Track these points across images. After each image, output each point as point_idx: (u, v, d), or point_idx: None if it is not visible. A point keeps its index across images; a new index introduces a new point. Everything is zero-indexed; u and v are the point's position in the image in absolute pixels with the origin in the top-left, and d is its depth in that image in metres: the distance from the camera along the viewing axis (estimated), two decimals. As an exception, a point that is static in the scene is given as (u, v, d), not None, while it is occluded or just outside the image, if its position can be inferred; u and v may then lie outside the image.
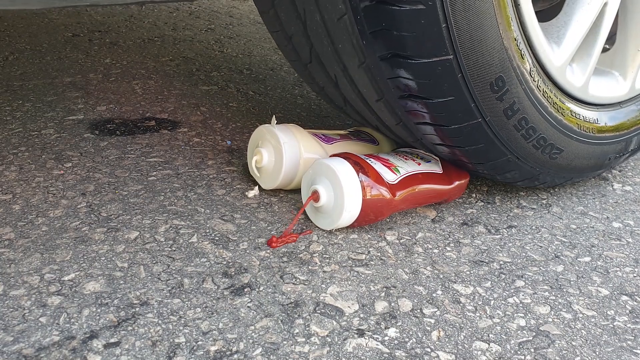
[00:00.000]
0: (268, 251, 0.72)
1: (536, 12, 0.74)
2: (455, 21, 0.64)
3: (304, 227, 0.77)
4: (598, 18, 0.81)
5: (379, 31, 0.64)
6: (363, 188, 0.73)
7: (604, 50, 0.90)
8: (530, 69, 0.75)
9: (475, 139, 0.75)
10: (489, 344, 0.59)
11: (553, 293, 0.68)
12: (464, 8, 0.64)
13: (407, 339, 0.59)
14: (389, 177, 0.76)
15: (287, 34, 0.78)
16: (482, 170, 0.82)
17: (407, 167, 0.80)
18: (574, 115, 0.83)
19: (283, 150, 0.81)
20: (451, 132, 0.74)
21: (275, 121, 0.84)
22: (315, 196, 0.74)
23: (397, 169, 0.79)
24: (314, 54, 0.77)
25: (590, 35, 0.82)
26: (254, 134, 0.86)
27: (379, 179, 0.75)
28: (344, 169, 0.73)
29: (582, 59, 0.84)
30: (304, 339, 0.58)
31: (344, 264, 0.70)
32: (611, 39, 0.88)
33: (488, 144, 0.76)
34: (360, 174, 0.73)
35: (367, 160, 0.77)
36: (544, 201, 0.91)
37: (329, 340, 0.58)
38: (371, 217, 0.75)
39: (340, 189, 0.72)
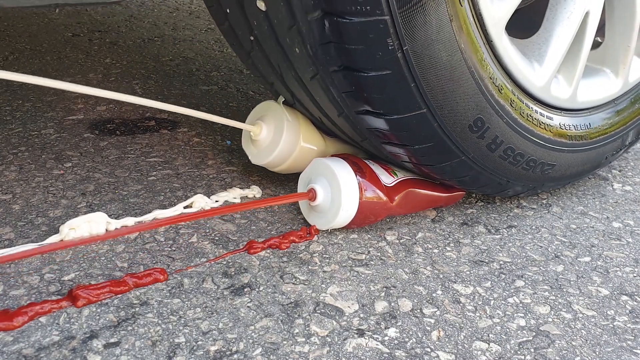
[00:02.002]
0: (268, 251, 0.72)
1: (513, 21, 0.73)
2: (424, 78, 0.64)
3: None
4: (581, 28, 0.77)
5: (351, 92, 0.65)
6: (360, 189, 0.73)
7: (595, 43, 0.87)
8: (512, 99, 0.74)
9: (462, 173, 0.76)
10: (489, 344, 0.59)
11: (553, 293, 0.68)
12: (430, 65, 0.63)
13: (407, 339, 0.59)
14: (386, 179, 0.77)
15: (268, 81, 0.79)
16: (477, 192, 0.82)
17: (405, 171, 0.81)
18: (563, 127, 0.81)
19: (284, 127, 0.79)
20: (437, 170, 0.75)
21: (283, 99, 0.82)
22: (311, 195, 0.74)
23: (395, 172, 0.79)
24: (296, 99, 0.78)
25: (574, 46, 0.79)
26: (257, 107, 0.85)
27: (376, 181, 0.75)
28: (343, 168, 0.73)
29: (567, 69, 0.81)
30: (304, 339, 0.58)
31: (344, 264, 0.70)
32: (601, 30, 0.86)
33: (476, 175, 0.77)
34: (357, 174, 0.73)
35: (366, 162, 0.77)
36: (544, 201, 0.91)
37: (329, 340, 0.58)
38: (371, 219, 0.75)
39: (338, 188, 0.72)
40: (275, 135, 0.81)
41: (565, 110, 0.83)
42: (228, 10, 0.72)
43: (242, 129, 0.87)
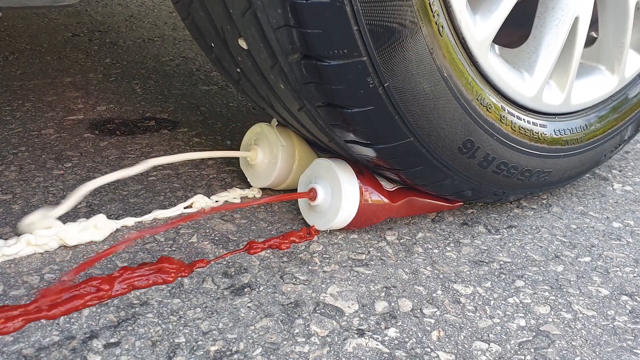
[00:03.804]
0: (268, 251, 0.72)
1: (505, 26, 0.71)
2: (408, 110, 0.64)
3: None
4: (571, 33, 0.76)
5: (337, 124, 0.66)
6: (361, 191, 0.73)
7: (590, 39, 0.85)
8: (501, 115, 0.73)
9: (456, 188, 0.76)
10: (489, 344, 0.59)
11: (553, 293, 0.68)
12: (413, 97, 0.64)
13: (407, 339, 0.59)
14: (387, 185, 0.77)
15: (259, 106, 0.81)
16: (477, 202, 0.82)
17: None
18: (558, 134, 0.81)
19: (279, 152, 0.80)
20: (431, 188, 0.76)
21: (276, 122, 0.84)
22: (312, 194, 0.74)
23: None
24: (288, 123, 0.79)
25: (565, 51, 0.77)
26: (251, 129, 0.86)
27: (377, 185, 0.75)
28: (344, 169, 0.73)
29: (559, 75, 0.80)
30: (304, 339, 0.58)
31: (344, 264, 0.70)
32: (594, 24, 0.83)
33: (470, 189, 0.77)
34: (359, 177, 0.73)
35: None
36: (544, 201, 0.91)
37: (329, 340, 0.58)
38: (372, 221, 0.75)
39: (339, 188, 0.72)
40: (271, 159, 0.82)
41: (559, 115, 0.82)
42: (213, 45, 0.72)
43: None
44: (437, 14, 0.63)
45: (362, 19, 0.57)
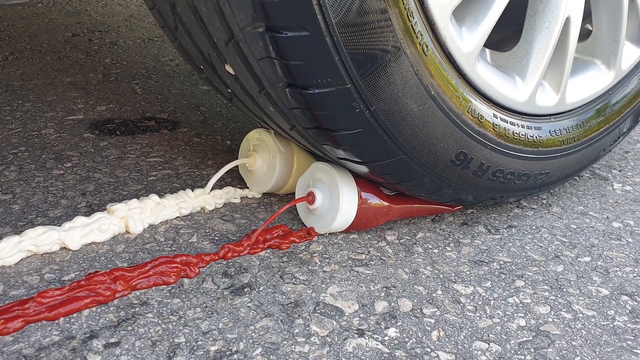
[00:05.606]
0: (268, 251, 0.72)
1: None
2: (397, 130, 0.65)
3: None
4: (563, 33, 0.75)
5: (327, 144, 0.66)
6: (359, 194, 0.73)
7: (585, 32, 0.83)
8: (494, 124, 0.73)
9: (454, 196, 0.77)
10: (489, 344, 0.59)
11: (553, 293, 0.68)
12: (401, 118, 0.64)
13: (407, 339, 0.59)
14: (387, 189, 0.77)
15: (255, 120, 0.81)
16: (477, 206, 0.83)
17: None
18: (554, 134, 0.80)
19: (278, 159, 0.80)
20: (428, 197, 0.76)
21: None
22: (310, 198, 0.74)
23: None
24: (284, 137, 0.80)
25: (557, 52, 0.76)
26: (249, 134, 0.86)
27: (376, 188, 0.75)
28: (343, 172, 0.73)
29: (553, 75, 0.78)
30: (304, 339, 0.58)
31: (344, 264, 0.70)
32: (588, 17, 0.82)
33: (469, 195, 0.77)
34: (358, 180, 0.73)
35: None
36: (544, 201, 0.91)
37: (329, 340, 0.58)
38: (372, 223, 0.75)
39: (337, 191, 0.72)
40: (270, 165, 0.82)
41: (555, 116, 0.81)
42: (202, 67, 0.72)
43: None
44: (421, 34, 0.62)
45: (343, 48, 0.57)
